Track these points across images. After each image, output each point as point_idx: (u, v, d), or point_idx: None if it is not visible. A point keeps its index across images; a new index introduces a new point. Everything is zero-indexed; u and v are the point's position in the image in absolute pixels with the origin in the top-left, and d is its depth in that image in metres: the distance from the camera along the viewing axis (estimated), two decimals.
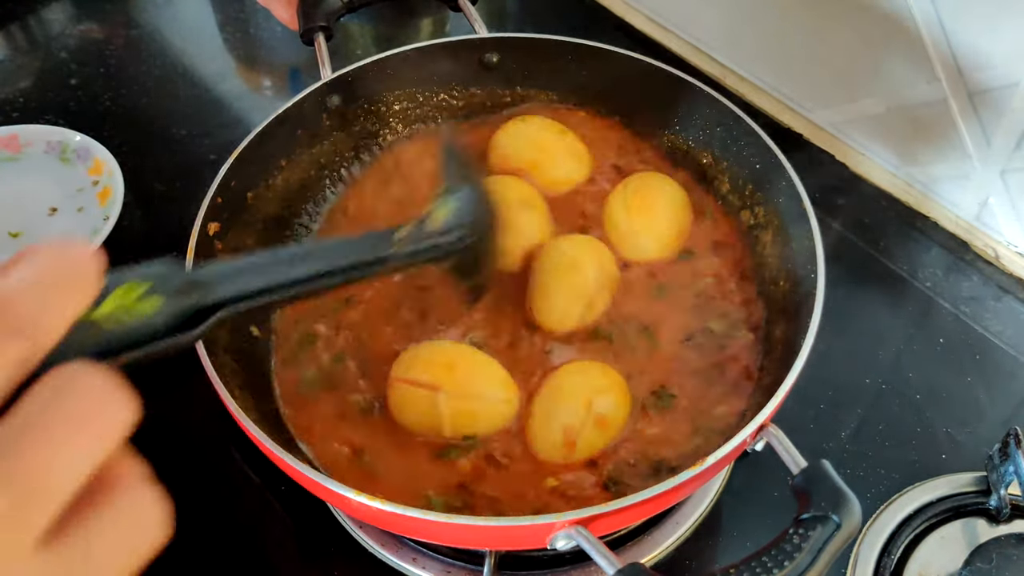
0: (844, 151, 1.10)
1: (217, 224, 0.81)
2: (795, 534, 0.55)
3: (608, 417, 0.72)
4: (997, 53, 0.89)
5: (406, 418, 0.73)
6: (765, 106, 1.16)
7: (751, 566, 0.54)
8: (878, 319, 0.97)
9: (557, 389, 0.74)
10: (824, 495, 0.57)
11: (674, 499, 0.70)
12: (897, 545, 0.77)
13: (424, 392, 0.72)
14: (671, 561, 0.79)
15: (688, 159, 0.93)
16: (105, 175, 1.06)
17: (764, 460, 0.67)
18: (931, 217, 1.05)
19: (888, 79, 1.00)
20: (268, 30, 1.32)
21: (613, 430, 0.73)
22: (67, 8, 1.36)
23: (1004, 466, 0.77)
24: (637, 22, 1.28)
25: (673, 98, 0.91)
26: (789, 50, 1.10)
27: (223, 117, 1.19)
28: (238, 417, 0.66)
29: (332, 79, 0.90)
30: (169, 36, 1.31)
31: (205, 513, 0.83)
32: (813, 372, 0.68)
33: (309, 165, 0.92)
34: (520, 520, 0.60)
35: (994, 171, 0.95)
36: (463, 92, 0.98)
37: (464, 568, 0.77)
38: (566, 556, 0.77)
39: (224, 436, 0.87)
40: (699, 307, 0.82)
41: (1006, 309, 0.97)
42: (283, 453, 0.64)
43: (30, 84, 1.24)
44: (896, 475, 0.82)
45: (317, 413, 0.77)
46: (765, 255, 0.84)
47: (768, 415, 0.65)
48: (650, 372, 0.78)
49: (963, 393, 0.89)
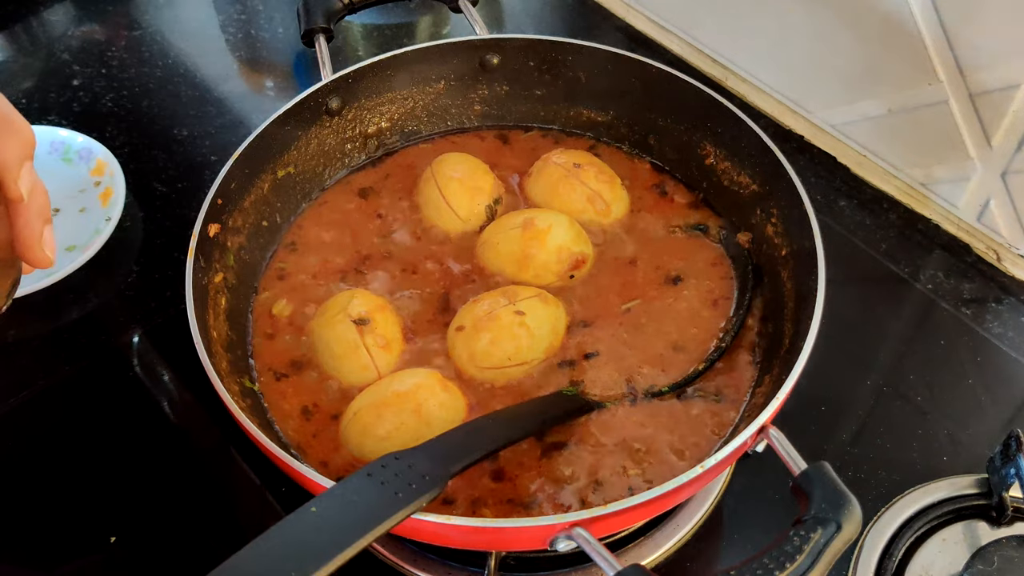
0: (845, 153, 1.10)
1: (217, 225, 0.81)
2: (795, 536, 0.55)
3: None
4: (998, 55, 0.89)
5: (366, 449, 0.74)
6: (766, 108, 1.16)
7: (751, 568, 0.54)
8: (879, 321, 0.97)
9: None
10: (825, 497, 0.57)
11: (675, 501, 0.70)
12: (898, 547, 0.77)
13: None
14: (672, 563, 0.79)
15: (688, 160, 0.93)
16: (107, 176, 1.06)
17: (765, 462, 0.67)
18: (932, 219, 1.05)
19: (889, 81, 1.00)
20: (270, 31, 1.33)
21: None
22: (69, 9, 1.37)
23: (1005, 468, 0.77)
24: (638, 23, 1.28)
25: (673, 99, 0.91)
26: (790, 52, 1.10)
27: (225, 118, 1.19)
28: (239, 418, 0.66)
29: (333, 80, 0.90)
30: (171, 37, 1.32)
31: (205, 513, 0.83)
32: (814, 374, 0.68)
33: (310, 165, 0.92)
34: (521, 522, 0.61)
35: (995, 173, 0.95)
36: (464, 95, 0.99)
37: (465, 570, 0.77)
38: (567, 558, 0.77)
39: (224, 437, 0.87)
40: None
41: (1007, 311, 0.97)
42: (284, 454, 0.64)
43: (32, 85, 1.24)
44: (897, 477, 0.82)
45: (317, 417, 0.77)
46: (765, 256, 0.84)
47: (769, 417, 0.65)
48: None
49: (964, 395, 0.89)
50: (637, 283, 0.85)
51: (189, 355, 0.68)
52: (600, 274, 0.86)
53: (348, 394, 0.77)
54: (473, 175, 0.91)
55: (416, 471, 0.56)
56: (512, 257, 0.85)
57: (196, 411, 0.90)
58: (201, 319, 0.73)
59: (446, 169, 0.91)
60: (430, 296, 0.85)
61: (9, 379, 0.92)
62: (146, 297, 0.99)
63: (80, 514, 0.83)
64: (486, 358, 0.77)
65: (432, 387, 0.75)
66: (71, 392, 0.92)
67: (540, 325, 0.79)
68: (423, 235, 0.90)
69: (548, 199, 0.91)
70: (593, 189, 0.89)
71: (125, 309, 0.99)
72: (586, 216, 0.89)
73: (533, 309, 0.79)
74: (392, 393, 0.74)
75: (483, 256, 0.87)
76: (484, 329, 0.78)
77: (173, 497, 0.84)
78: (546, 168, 0.92)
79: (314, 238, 0.90)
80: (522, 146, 0.99)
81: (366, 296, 0.82)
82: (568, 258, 0.85)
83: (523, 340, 0.78)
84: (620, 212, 0.91)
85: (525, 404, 0.76)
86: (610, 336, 0.81)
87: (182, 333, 0.70)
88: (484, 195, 0.90)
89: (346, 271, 0.87)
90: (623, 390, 0.78)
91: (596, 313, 0.83)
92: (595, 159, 0.93)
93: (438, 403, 0.74)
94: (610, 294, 0.85)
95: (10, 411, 0.90)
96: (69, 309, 0.98)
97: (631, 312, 0.83)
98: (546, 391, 0.77)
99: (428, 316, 0.83)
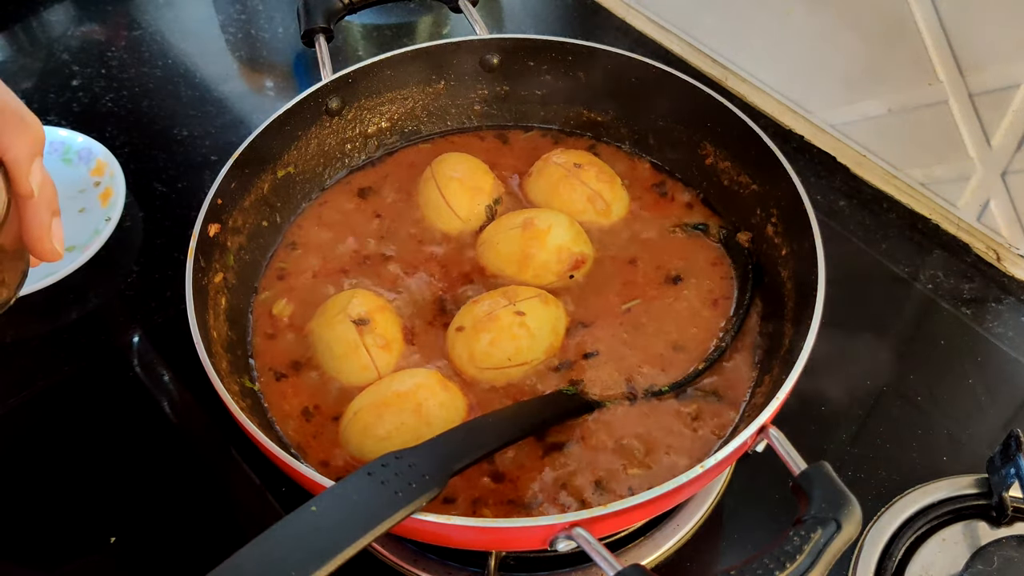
0: (845, 153, 1.10)
1: (217, 225, 0.81)
2: (795, 536, 0.55)
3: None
4: (998, 55, 0.89)
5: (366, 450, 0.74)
6: (766, 108, 1.16)
7: (751, 568, 0.54)
8: (879, 321, 0.97)
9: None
10: (825, 497, 0.57)
11: (675, 501, 0.70)
12: (898, 547, 0.77)
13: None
14: (672, 563, 0.79)
15: (688, 160, 0.93)
16: (107, 176, 1.06)
17: (765, 462, 0.67)
18: (932, 219, 1.05)
19: (889, 81, 1.00)
20: (270, 31, 1.33)
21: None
22: (69, 9, 1.37)
23: (1005, 468, 0.77)
24: (638, 23, 1.28)
25: (673, 99, 0.91)
26: (790, 52, 1.10)
27: (225, 118, 1.19)
28: (239, 418, 0.66)
29: (333, 80, 0.90)
30: (171, 37, 1.32)
31: (205, 513, 0.83)
32: (814, 373, 0.68)
33: (310, 165, 0.92)
34: (521, 522, 0.61)
35: (995, 173, 0.95)
36: (464, 95, 0.99)
37: (465, 570, 0.77)
38: (567, 558, 0.77)
39: (224, 437, 0.87)
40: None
41: (1007, 311, 0.97)
42: (284, 454, 0.64)
43: (32, 85, 1.24)
44: (897, 477, 0.82)
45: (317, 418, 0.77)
46: (765, 256, 0.84)
47: (769, 417, 0.65)
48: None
49: (964, 395, 0.89)
50: (637, 283, 0.85)
51: (189, 355, 0.68)
52: (600, 274, 0.86)
53: (348, 394, 0.77)
54: (473, 175, 0.91)
55: (416, 470, 0.56)
56: (512, 257, 0.85)
57: (196, 411, 0.90)
58: (201, 319, 0.73)
59: (446, 169, 0.91)
60: (430, 296, 0.85)
61: (9, 379, 0.93)
62: (146, 297, 0.99)
63: (80, 514, 0.83)
64: (486, 359, 0.77)
65: (432, 387, 0.75)
66: (71, 392, 0.92)
67: (540, 325, 0.79)
68: (423, 235, 0.90)
69: (548, 199, 0.91)
70: (593, 189, 0.89)
71: (125, 309, 0.99)
72: (586, 216, 0.89)
73: (533, 309, 0.79)
74: (392, 393, 0.74)
75: (483, 256, 0.87)
76: (484, 329, 0.78)
77: (173, 497, 0.84)
78: (546, 168, 0.92)
79: (314, 238, 0.90)
80: (522, 146, 0.99)
81: (366, 296, 0.82)
82: (568, 258, 0.85)
83: (523, 340, 0.78)
84: (620, 212, 0.91)
85: (525, 404, 0.76)
86: (610, 336, 0.81)
87: (182, 333, 0.70)
88: (484, 195, 0.90)
89: (346, 271, 0.87)
90: (623, 390, 0.78)
91: (596, 313, 0.83)
92: (595, 159, 0.93)
93: (438, 403, 0.74)
94: (610, 294, 0.85)
95: (10, 411, 0.90)
96: (69, 309, 0.98)
97: (631, 312, 0.83)
98: (546, 391, 0.77)
99: (428, 316, 0.83)
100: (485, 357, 0.77)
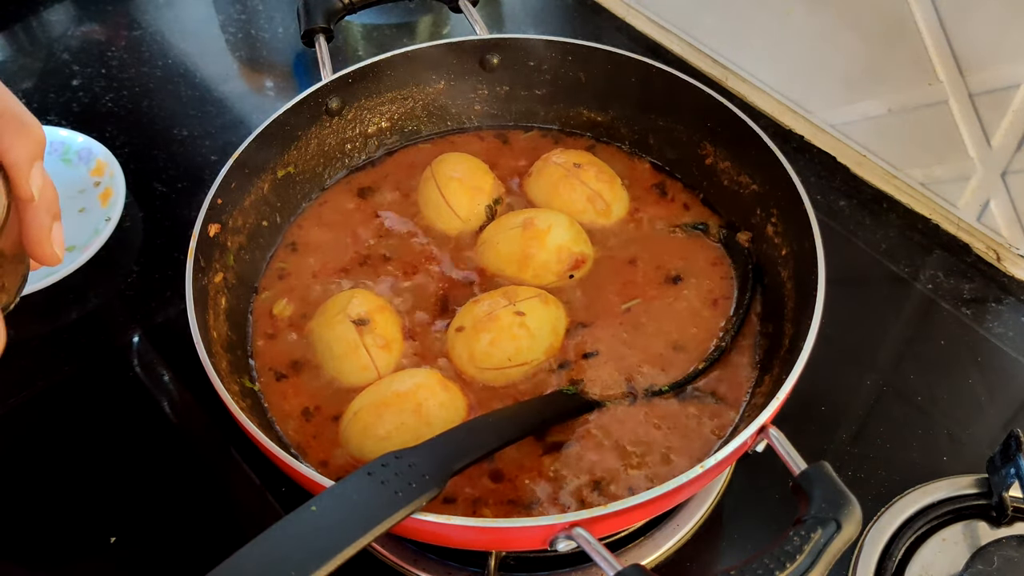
0: (845, 153, 1.10)
1: (218, 225, 0.81)
2: (796, 536, 0.55)
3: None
4: (998, 54, 0.89)
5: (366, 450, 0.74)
6: (766, 108, 1.16)
7: (752, 568, 0.54)
8: (879, 321, 0.97)
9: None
10: (825, 497, 0.57)
11: (675, 501, 0.70)
12: (898, 547, 0.77)
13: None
14: (672, 563, 0.79)
15: (688, 160, 0.93)
16: (107, 176, 1.06)
17: (765, 462, 0.67)
18: (932, 219, 1.05)
19: (889, 81, 1.00)
20: (270, 31, 1.33)
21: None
22: (69, 9, 1.37)
23: (1005, 468, 0.77)
24: (638, 24, 1.28)
25: (673, 99, 0.91)
26: (790, 52, 1.10)
27: (225, 118, 1.19)
28: (239, 418, 0.66)
29: (333, 80, 0.90)
30: (171, 37, 1.32)
31: (205, 513, 0.83)
32: (814, 373, 0.68)
33: (310, 165, 0.92)
34: (521, 522, 0.61)
35: (995, 173, 0.95)
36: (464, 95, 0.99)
37: (465, 570, 0.77)
38: (567, 558, 0.77)
39: (224, 437, 0.87)
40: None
41: (1007, 311, 0.97)
42: (284, 454, 0.64)
43: (32, 85, 1.24)
44: (897, 477, 0.82)
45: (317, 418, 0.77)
46: (765, 256, 0.84)
47: (769, 417, 0.65)
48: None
49: (964, 395, 0.89)
50: (637, 283, 0.86)
51: (189, 355, 0.68)
52: (600, 274, 0.86)
53: (348, 394, 0.77)
54: (473, 175, 0.91)
55: (416, 470, 0.56)
56: (512, 257, 0.85)
57: (196, 411, 0.90)
58: (201, 319, 0.73)
59: (446, 169, 0.91)
60: (430, 296, 0.85)
61: (9, 379, 0.92)
62: (146, 297, 0.99)
63: (80, 514, 0.83)
64: (486, 359, 0.77)
65: (432, 387, 0.75)
66: (71, 392, 0.92)
67: (540, 326, 0.79)
68: (423, 235, 0.90)
69: (548, 199, 0.91)
70: (593, 189, 0.89)
71: (125, 309, 0.99)
72: (586, 216, 0.89)
73: (533, 309, 0.79)
74: (392, 393, 0.74)
75: (483, 256, 0.87)
76: (484, 330, 0.78)
77: (173, 497, 0.84)
78: (546, 168, 0.92)
79: (314, 238, 0.90)
80: (522, 146, 0.99)
81: (366, 296, 0.82)
82: (568, 258, 0.85)
83: (523, 341, 0.78)
84: (620, 212, 0.91)
85: (525, 403, 0.76)
86: (610, 336, 0.81)
87: (182, 333, 0.70)
88: (484, 195, 0.90)
89: (346, 271, 0.87)
90: (623, 390, 0.78)
91: (596, 313, 0.83)
92: (595, 159, 0.93)
93: (438, 403, 0.74)
94: (610, 294, 0.85)
95: (10, 411, 0.90)
96: (69, 309, 0.98)
97: (631, 312, 0.83)
98: (546, 391, 0.78)
99: (428, 316, 0.83)
100: (485, 357, 0.77)
